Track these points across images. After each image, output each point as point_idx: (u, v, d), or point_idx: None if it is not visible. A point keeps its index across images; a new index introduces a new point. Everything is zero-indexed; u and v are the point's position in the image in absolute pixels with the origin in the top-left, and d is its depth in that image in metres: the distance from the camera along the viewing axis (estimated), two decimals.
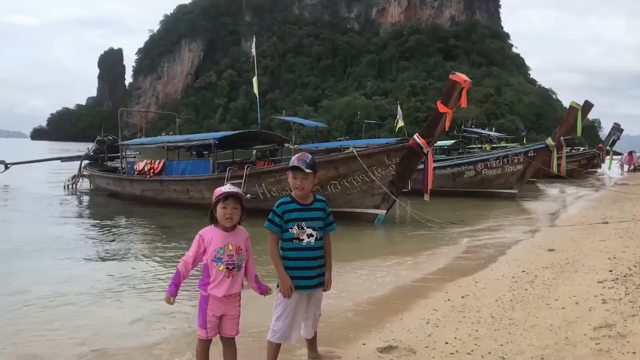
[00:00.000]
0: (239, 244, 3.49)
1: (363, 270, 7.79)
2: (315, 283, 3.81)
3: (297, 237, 3.73)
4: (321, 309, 4.05)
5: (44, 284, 6.78)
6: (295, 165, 3.72)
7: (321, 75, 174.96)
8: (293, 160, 3.77)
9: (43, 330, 5.09)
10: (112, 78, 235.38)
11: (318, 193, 4.44)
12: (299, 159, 3.74)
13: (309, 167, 3.72)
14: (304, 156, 3.78)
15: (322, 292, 3.94)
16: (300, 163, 3.71)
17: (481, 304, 5.49)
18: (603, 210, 14.03)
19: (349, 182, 12.41)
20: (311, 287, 3.80)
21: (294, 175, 3.75)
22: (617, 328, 4.32)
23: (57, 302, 6.04)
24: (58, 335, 4.98)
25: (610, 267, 6.53)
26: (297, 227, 3.72)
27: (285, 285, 3.67)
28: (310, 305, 3.88)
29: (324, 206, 3.88)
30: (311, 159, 3.79)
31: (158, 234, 11.30)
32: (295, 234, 3.72)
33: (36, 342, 4.77)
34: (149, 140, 20.30)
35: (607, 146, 34.90)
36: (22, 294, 6.36)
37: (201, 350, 3.57)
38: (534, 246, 9.14)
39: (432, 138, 11.89)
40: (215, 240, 3.43)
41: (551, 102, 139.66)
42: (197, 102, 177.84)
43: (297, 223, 3.73)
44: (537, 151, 19.62)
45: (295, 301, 3.74)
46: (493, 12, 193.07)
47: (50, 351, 4.58)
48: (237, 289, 3.52)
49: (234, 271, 3.44)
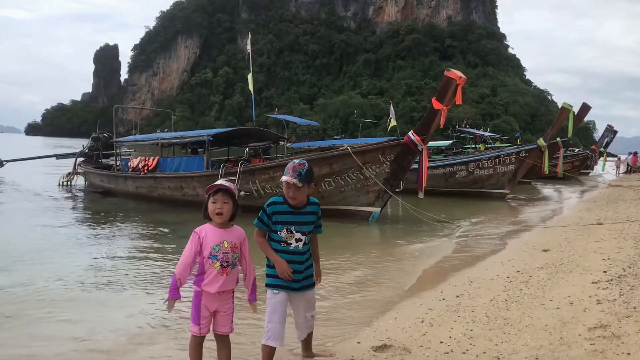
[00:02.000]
0: (234, 241, 3.45)
1: (357, 268, 7.78)
2: (303, 285, 3.76)
3: (285, 240, 3.66)
4: (316, 308, 4.03)
5: (38, 280, 6.72)
6: (287, 179, 3.56)
7: (317, 73, 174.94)
8: (288, 170, 3.60)
9: (37, 326, 5.05)
10: (107, 74, 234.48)
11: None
12: (293, 170, 3.57)
13: (303, 181, 3.57)
14: (299, 167, 3.59)
15: (313, 292, 3.89)
16: (295, 175, 3.54)
17: (476, 304, 5.47)
18: (597, 211, 14.07)
19: (343, 179, 12.38)
20: (299, 289, 3.74)
21: (287, 186, 3.62)
22: (612, 329, 4.31)
23: (50, 298, 6.00)
24: (51, 332, 4.94)
25: (604, 268, 6.53)
26: (286, 230, 3.64)
27: (282, 268, 3.60)
28: (303, 307, 3.82)
29: (316, 210, 3.79)
30: (307, 170, 3.61)
31: (151, 231, 11.23)
32: (284, 237, 3.65)
33: (30, 338, 4.73)
34: (143, 137, 20.21)
35: (600, 148, 35.12)
36: (18, 287, 6.32)
37: (194, 347, 3.53)
38: (528, 246, 9.14)
39: (426, 135, 11.88)
40: (211, 237, 3.39)
41: (546, 103, 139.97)
42: (193, 99, 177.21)
43: (286, 227, 3.65)
44: (528, 152, 19.72)
45: (285, 300, 3.70)
46: (489, 12, 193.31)
47: (44, 347, 4.54)
48: (230, 286, 3.49)
49: (228, 269, 3.41)
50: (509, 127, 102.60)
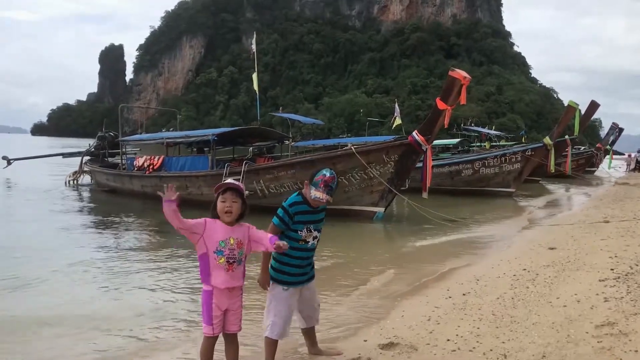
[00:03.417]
0: (240, 238, 3.46)
1: (362, 267, 7.78)
2: (309, 277, 3.93)
3: (304, 239, 3.77)
4: (321, 307, 4.08)
5: (42, 278, 6.75)
6: (320, 197, 3.70)
7: (322, 72, 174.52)
8: (319, 184, 3.69)
9: (41, 325, 5.07)
10: (112, 74, 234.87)
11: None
12: (325, 185, 3.70)
13: (333, 194, 3.77)
14: (331, 181, 3.74)
15: (313, 283, 4.02)
16: (327, 191, 3.71)
17: (482, 302, 5.46)
18: (604, 209, 14.00)
19: (347, 179, 12.35)
20: (305, 282, 3.89)
21: (321, 195, 3.70)
22: (619, 326, 4.29)
23: (55, 296, 6.02)
24: (56, 331, 4.96)
25: (611, 266, 6.51)
26: (306, 229, 3.77)
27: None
28: (307, 298, 3.94)
29: (325, 207, 3.93)
30: (337, 183, 3.84)
31: (156, 230, 11.25)
32: (304, 237, 3.76)
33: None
34: (149, 137, 20.25)
35: (606, 146, 34.93)
36: (20, 288, 6.35)
37: (207, 348, 3.54)
38: (534, 244, 9.11)
39: (430, 135, 11.82)
40: (219, 232, 3.41)
41: (552, 102, 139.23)
42: (198, 99, 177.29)
43: (306, 226, 3.77)
44: (534, 150, 19.66)
45: (291, 296, 3.80)
46: (495, 10, 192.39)
47: (49, 349, 4.55)
48: (238, 282, 3.50)
49: (234, 265, 3.43)
50: (514, 126, 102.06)
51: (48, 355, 4.44)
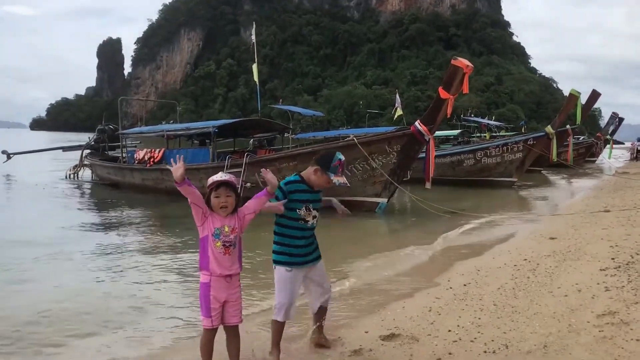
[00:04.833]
0: (234, 225, 3.51)
1: (364, 258, 7.78)
2: (313, 257, 3.94)
3: (303, 218, 3.81)
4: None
5: (43, 274, 6.76)
6: (342, 181, 3.82)
7: (321, 64, 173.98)
8: (337, 170, 3.81)
9: (44, 319, 5.09)
10: (111, 68, 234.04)
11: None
12: (343, 169, 3.87)
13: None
14: (345, 164, 3.99)
15: (322, 263, 4.04)
16: (344, 172, 3.90)
17: (483, 292, 5.47)
18: (604, 199, 14.01)
19: (350, 170, 12.33)
20: (309, 262, 3.91)
21: (343, 179, 3.84)
22: (620, 315, 4.31)
23: (56, 290, 6.04)
24: (58, 324, 4.97)
25: (612, 255, 6.51)
26: (305, 208, 3.81)
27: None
28: (319, 277, 4.00)
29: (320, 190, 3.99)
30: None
31: (157, 223, 11.28)
32: (302, 215, 3.80)
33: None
34: (149, 129, 20.21)
35: (606, 135, 34.86)
36: (22, 283, 6.36)
37: (206, 341, 3.54)
38: (535, 234, 9.12)
39: (433, 125, 11.78)
40: (214, 220, 3.48)
41: (551, 91, 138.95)
42: (197, 92, 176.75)
43: (305, 205, 3.82)
44: (536, 139, 19.62)
45: (295, 276, 3.83)
46: (493, 0, 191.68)
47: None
48: (235, 270, 3.52)
49: (231, 248, 3.48)
50: (514, 116, 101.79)
51: (47, 352, 4.44)
